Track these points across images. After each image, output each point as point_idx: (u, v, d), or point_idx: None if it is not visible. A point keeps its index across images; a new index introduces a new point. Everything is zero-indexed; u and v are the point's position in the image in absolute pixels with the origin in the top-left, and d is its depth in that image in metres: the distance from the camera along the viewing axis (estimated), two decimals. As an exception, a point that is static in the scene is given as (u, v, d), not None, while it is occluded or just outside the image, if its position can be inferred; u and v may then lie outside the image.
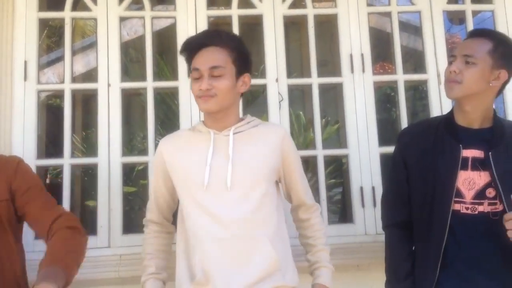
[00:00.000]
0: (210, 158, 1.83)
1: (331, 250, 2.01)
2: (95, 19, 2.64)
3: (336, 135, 4.06)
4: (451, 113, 2.00)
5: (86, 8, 2.64)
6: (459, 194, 1.88)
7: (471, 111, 1.92)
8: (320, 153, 2.60)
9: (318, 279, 1.93)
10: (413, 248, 1.99)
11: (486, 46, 1.87)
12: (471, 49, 1.88)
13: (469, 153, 1.89)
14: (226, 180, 1.80)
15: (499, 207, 1.87)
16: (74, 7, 2.67)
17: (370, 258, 2.36)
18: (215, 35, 1.90)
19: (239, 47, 1.89)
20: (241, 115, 2.03)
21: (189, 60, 1.90)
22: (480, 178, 1.88)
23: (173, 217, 2.05)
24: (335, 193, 4.47)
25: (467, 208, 1.88)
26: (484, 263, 1.85)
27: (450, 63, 1.93)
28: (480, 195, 1.88)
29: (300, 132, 4.60)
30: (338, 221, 3.80)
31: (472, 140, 1.90)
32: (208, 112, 1.89)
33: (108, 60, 2.57)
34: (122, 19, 2.70)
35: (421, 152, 1.97)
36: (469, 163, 1.89)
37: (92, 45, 4.25)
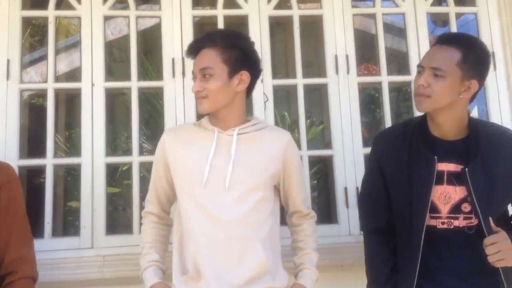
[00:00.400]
0: (212, 157, 1.83)
1: (316, 250, 2.02)
2: (79, 18, 2.62)
3: (321, 135, 4.06)
4: (424, 120, 1.95)
5: (70, 7, 2.62)
6: (435, 209, 1.87)
7: (443, 122, 1.88)
8: (305, 153, 2.61)
9: (300, 279, 1.93)
10: (395, 249, 1.97)
11: (455, 57, 1.79)
12: (439, 62, 1.81)
13: (444, 166, 1.86)
14: (225, 180, 1.81)
15: (474, 221, 1.87)
16: (58, 6, 2.64)
17: (354, 258, 2.37)
18: (208, 36, 1.90)
19: (235, 45, 1.87)
20: None
21: None
22: (456, 192, 1.87)
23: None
24: (320, 194, 4.48)
25: (443, 223, 1.88)
26: (465, 273, 1.86)
27: (418, 72, 1.87)
28: (456, 209, 1.87)
29: (285, 132, 4.59)
30: (322, 221, 3.81)
31: (447, 153, 1.87)
32: (203, 113, 1.91)
33: (92, 59, 2.55)
34: (107, 18, 2.68)
35: (397, 161, 1.95)
36: (444, 177, 1.86)
37: (76, 44, 4.21)
